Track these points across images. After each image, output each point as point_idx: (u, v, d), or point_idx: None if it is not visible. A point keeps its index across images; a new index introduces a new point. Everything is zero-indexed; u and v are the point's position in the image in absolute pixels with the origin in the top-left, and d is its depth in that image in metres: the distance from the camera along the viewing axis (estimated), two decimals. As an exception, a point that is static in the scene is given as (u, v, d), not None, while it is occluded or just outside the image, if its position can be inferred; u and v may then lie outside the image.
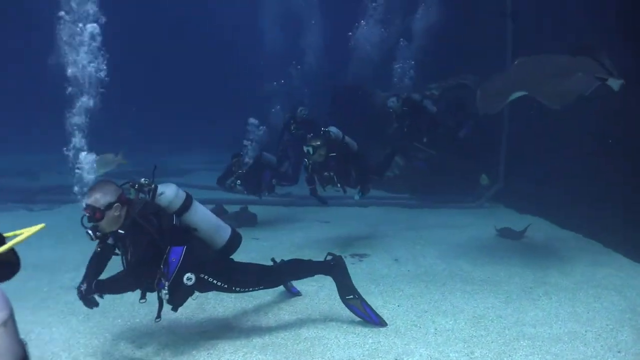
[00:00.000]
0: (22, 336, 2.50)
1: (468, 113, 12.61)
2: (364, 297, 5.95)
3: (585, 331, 5.56)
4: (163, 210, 5.00)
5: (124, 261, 4.98)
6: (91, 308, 5.14)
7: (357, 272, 7.69)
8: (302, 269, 6.12)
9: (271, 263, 6.24)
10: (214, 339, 5.50)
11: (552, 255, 8.50)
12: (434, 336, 5.45)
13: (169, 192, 5.06)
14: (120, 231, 4.80)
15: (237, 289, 5.44)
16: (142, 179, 5.00)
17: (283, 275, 5.95)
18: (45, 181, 17.91)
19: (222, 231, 5.39)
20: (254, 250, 9.10)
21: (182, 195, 5.15)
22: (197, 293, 5.32)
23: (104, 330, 5.76)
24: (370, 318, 5.75)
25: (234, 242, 5.47)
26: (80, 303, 5.15)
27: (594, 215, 9.26)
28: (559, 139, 10.43)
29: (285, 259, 6.29)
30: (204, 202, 11.39)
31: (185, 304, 5.32)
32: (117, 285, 5.04)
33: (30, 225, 4.70)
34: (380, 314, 5.87)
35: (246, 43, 29.56)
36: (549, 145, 10.83)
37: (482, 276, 7.48)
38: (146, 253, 4.81)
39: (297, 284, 6.83)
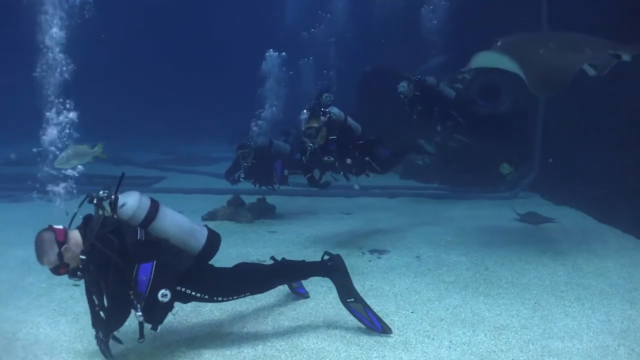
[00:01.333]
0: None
1: (501, 98, 11.92)
2: (375, 299, 5.56)
3: (618, 345, 4.88)
4: (125, 224, 4.48)
5: (89, 287, 4.52)
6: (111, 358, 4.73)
7: (373, 271, 7.13)
8: (295, 271, 5.57)
9: (271, 262, 5.69)
10: (201, 348, 4.97)
11: (588, 253, 7.80)
12: (447, 350, 4.81)
13: (130, 203, 4.52)
14: (81, 256, 4.35)
15: (220, 298, 4.90)
16: (101, 191, 4.48)
17: (272, 279, 5.32)
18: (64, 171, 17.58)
19: (197, 235, 4.84)
20: (268, 244, 8.64)
21: (146, 203, 4.60)
22: (177, 307, 4.81)
23: (89, 335, 5.28)
24: (372, 324, 5.16)
25: (212, 245, 4.92)
26: (72, 301, 5.20)
27: (633, 209, 8.57)
28: (599, 128, 9.73)
29: (299, 253, 5.71)
30: (225, 192, 11.23)
31: (183, 305, 5.00)
32: (111, 327, 4.60)
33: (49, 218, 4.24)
34: (391, 322, 5.29)
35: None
36: (588, 133, 10.10)
37: (509, 277, 6.82)
38: (113, 283, 4.35)
39: (305, 284, 6.26)
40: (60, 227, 4.41)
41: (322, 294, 6.23)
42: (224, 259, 7.81)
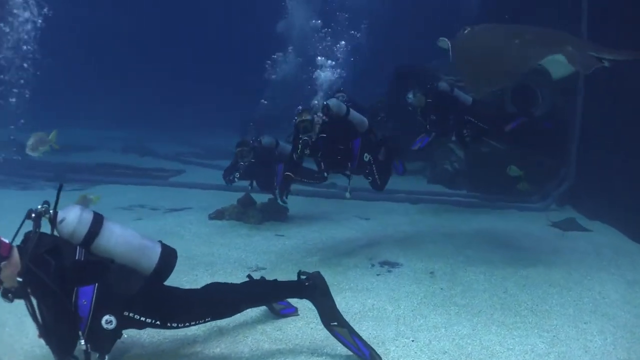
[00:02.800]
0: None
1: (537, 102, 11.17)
2: (374, 322, 5.06)
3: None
4: (63, 243, 3.91)
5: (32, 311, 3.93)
6: None
7: (379, 287, 6.49)
8: (266, 294, 4.92)
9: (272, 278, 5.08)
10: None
11: (618, 277, 7.08)
12: (444, 393, 4.17)
13: (70, 219, 3.94)
14: (18, 279, 3.73)
15: (174, 324, 4.26)
16: (40, 205, 3.90)
17: (238, 303, 4.65)
18: (91, 159, 17.47)
19: (149, 252, 4.22)
20: (273, 249, 8.06)
21: (88, 218, 4.01)
22: (126, 334, 4.22)
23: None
24: (359, 351, 4.50)
25: (167, 263, 4.29)
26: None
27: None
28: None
29: (302, 261, 5.06)
30: (240, 189, 10.67)
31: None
32: (60, 353, 3.99)
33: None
34: (385, 351, 4.67)
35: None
36: (629, 142, 9.29)
37: (529, 303, 6.11)
38: (53, 308, 3.81)
39: (295, 301, 5.59)
40: (7, 241, 3.84)
41: (313, 312, 5.39)
42: (221, 263, 7.33)
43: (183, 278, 6.66)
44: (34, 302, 3.82)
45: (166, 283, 4.33)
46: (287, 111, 11.65)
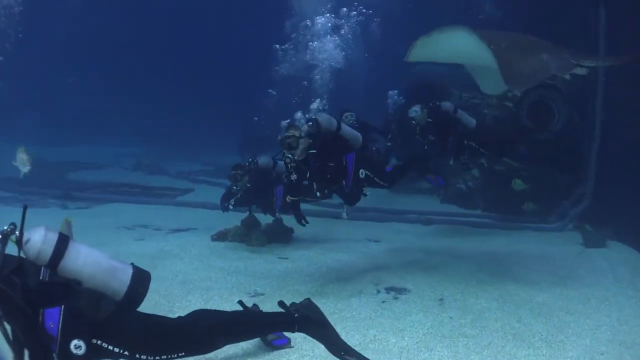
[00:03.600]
0: None
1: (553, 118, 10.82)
2: (374, 355, 4.67)
3: None
4: (28, 263, 3.60)
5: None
6: None
7: (383, 316, 6.10)
8: (249, 330, 4.47)
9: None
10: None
11: (636, 300, 6.74)
12: None
13: (34, 239, 3.64)
14: None
15: (143, 356, 3.87)
16: (6, 226, 3.61)
17: (217, 338, 4.20)
18: (101, 177, 17.36)
19: (118, 275, 3.85)
20: (274, 273, 7.71)
21: (52, 239, 3.68)
22: None
23: None
24: None
25: (139, 287, 3.91)
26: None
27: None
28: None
29: (304, 286, 4.63)
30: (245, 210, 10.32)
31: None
32: None
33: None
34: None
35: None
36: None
37: (544, 333, 5.69)
38: (22, 333, 3.48)
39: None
40: None
41: (309, 342, 4.87)
42: (218, 288, 6.97)
43: (176, 304, 6.33)
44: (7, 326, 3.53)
45: (157, 309, 3.95)
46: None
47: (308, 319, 4.27)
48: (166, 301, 6.41)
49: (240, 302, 4.79)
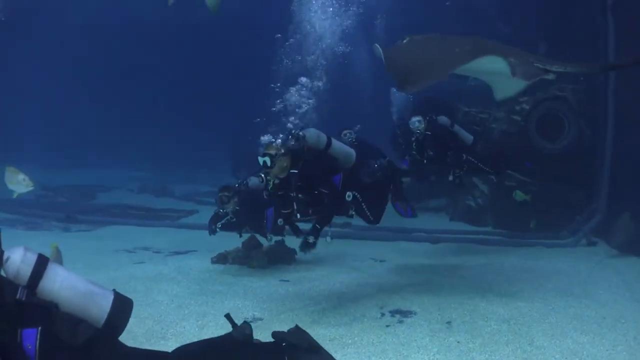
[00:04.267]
0: None
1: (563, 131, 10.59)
2: None
3: None
4: (7, 282, 3.37)
5: None
6: None
7: (386, 342, 5.75)
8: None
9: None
10: None
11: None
12: None
13: (13, 258, 3.42)
14: None
15: None
16: None
17: None
18: (105, 199, 17.27)
19: (97, 300, 3.59)
20: (274, 297, 7.38)
21: (32, 259, 3.47)
22: None
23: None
24: None
25: (119, 314, 3.63)
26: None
27: None
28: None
29: (304, 310, 4.37)
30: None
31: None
32: None
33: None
34: None
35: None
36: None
37: (558, 356, 5.35)
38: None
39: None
40: None
41: None
42: (214, 312, 6.66)
43: (169, 330, 6.05)
44: None
45: (150, 335, 3.66)
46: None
47: (295, 348, 3.95)
48: (160, 327, 6.12)
49: (228, 317, 4.47)
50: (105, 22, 31.12)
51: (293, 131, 6.88)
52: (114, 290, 3.81)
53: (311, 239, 6.87)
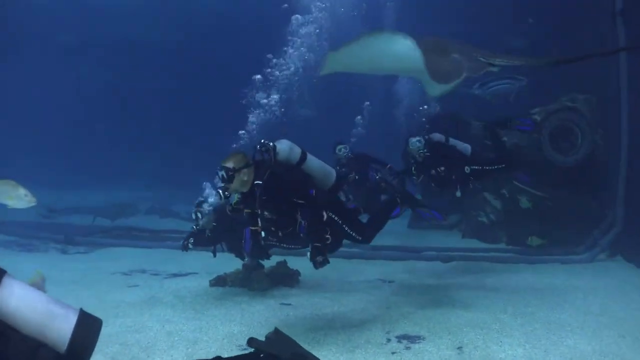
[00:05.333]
0: None
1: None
2: None
3: None
4: None
5: None
6: None
7: (393, 370, 5.29)
8: None
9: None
10: None
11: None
12: None
13: None
14: None
15: None
16: None
17: None
18: (105, 221, 17.00)
19: (58, 322, 3.15)
20: (273, 322, 6.95)
21: None
22: None
23: None
24: None
25: (84, 338, 3.18)
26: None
27: None
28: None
29: (304, 337, 4.82)
30: None
31: None
32: None
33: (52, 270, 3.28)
34: None
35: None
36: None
37: (580, 386, 4.90)
38: None
39: None
40: None
41: None
42: (207, 340, 6.24)
43: (155, 359, 5.62)
44: None
45: None
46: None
47: (276, 359, 3.49)
48: (146, 355, 5.70)
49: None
50: (107, 41, 31.15)
51: (263, 141, 6.28)
52: (80, 309, 3.39)
53: (319, 259, 6.29)
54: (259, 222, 6.11)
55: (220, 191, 6.19)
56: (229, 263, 9.00)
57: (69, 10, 30.32)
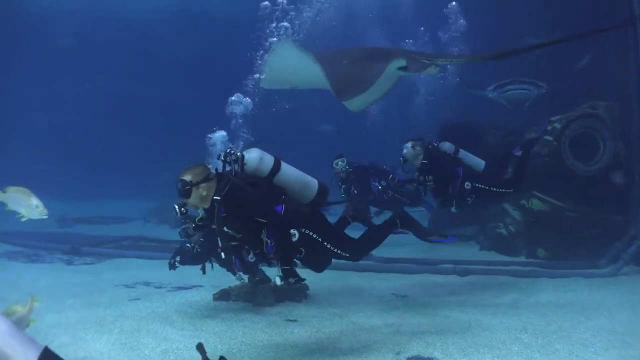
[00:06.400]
0: None
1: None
2: None
3: None
4: None
5: None
6: None
7: (403, 395, 4.86)
8: None
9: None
10: None
11: None
12: None
13: None
14: None
15: None
16: None
17: None
18: (121, 231, 16.79)
19: (23, 349, 2.82)
20: (276, 340, 6.55)
21: None
22: None
23: None
24: None
25: None
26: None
27: None
28: None
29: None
30: None
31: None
32: None
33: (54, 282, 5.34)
34: None
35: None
36: None
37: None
38: None
39: None
40: None
41: None
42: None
43: (145, 382, 5.24)
44: None
45: None
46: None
47: None
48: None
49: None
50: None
51: (230, 150, 5.70)
52: (45, 347, 3.04)
53: (292, 280, 5.75)
54: (219, 242, 5.56)
55: (176, 206, 5.55)
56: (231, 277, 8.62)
57: (92, 24, 30.66)
